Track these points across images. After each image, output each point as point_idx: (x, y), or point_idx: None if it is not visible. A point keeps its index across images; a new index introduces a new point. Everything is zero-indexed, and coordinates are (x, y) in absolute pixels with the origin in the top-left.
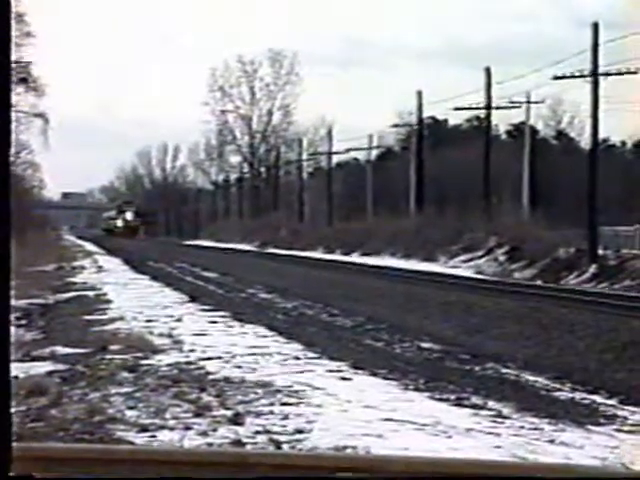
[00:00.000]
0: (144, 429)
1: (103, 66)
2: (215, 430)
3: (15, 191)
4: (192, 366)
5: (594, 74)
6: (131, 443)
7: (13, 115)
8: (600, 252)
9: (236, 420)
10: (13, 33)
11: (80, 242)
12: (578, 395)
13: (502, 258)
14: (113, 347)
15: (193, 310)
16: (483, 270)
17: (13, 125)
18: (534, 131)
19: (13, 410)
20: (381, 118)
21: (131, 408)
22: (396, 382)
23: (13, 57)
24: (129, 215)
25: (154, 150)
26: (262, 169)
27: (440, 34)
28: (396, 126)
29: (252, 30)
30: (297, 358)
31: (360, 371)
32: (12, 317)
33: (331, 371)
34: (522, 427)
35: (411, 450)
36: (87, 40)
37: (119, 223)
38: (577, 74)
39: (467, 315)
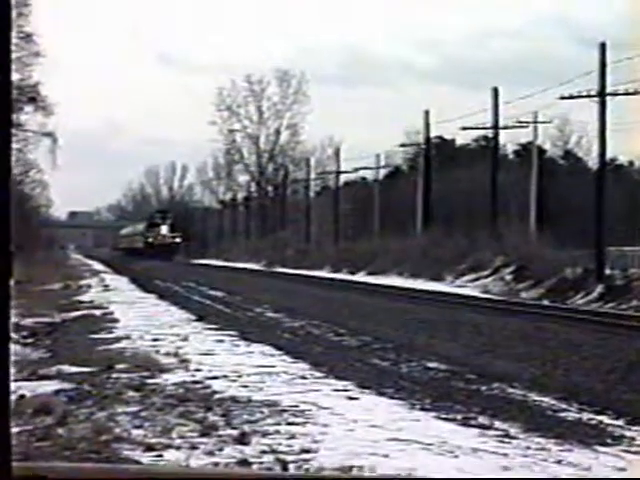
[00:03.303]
0: (150, 448)
1: (111, 85)
2: (221, 450)
3: (23, 210)
4: (198, 385)
5: (601, 94)
6: (137, 462)
7: (22, 134)
8: (607, 272)
9: (242, 440)
10: (21, 53)
11: (88, 261)
12: (585, 415)
13: (509, 277)
14: (119, 366)
15: (200, 329)
16: (490, 289)
17: (22, 144)
18: (541, 151)
19: (19, 429)
20: (389, 138)
21: (137, 427)
22: (402, 402)
23: (21, 76)
24: (164, 229)
25: (162, 169)
26: (270, 188)
27: (448, 54)
28: (404, 145)
29: (260, 49)
30: (304, 377)
31: (366, 390)
32: (19, 336)
33: (337, 390)
34: (529, 447)
35: (417, 470)
36: (95, 59)
37: (150, 240)
38: (584, 94)
39: (474, 335)
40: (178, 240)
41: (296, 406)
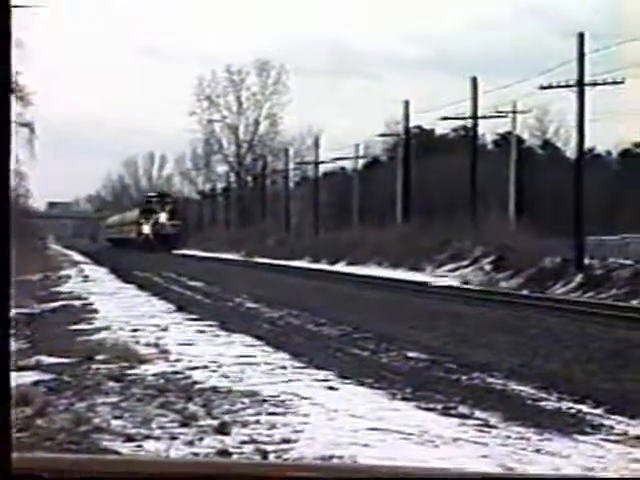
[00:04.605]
0: (130, 439)
1: (90, 75)
2: (201, 440)
3: None
4: (179, 376)
5: (580, 84)
6: (117, 453)
7: None
8: (586, 261)
9: (222, 430)
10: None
11: (67, 252)
12: (564, 404)
13: (488, 267)
14: (99, 357)
15: (180, 320)
16: (469, 279)
17: None
18: (520, 141)
19: None
20: (368, 128)
21: (117, 418)
22: (383, 391)
23: None
24: (163, 216)
25: (140, 159)
26: (249, 178)
27: (427, 44)
28: (383, 135)
29: (240, 40)
30: (284, 367)
31: (347, 380)
32: None
33: (318, 380)
34: (509, 437)
35: (398, 460)
36: (74, 48)
37: (146, 229)
38: (563, 84)
39: (453, 324)
40: (179, 230)
41: (276, 396)
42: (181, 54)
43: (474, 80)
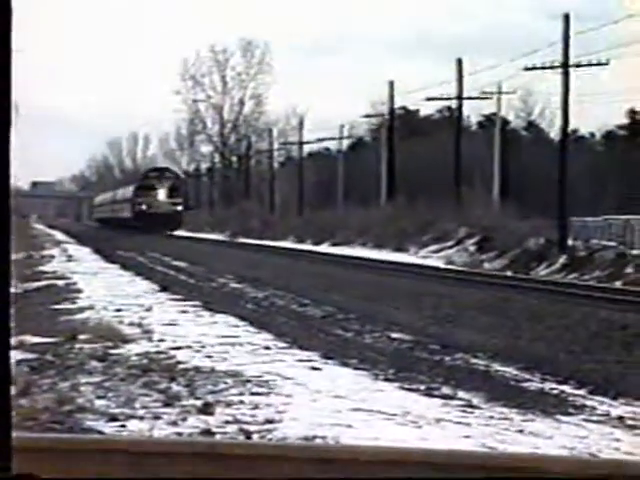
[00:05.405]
0: (113, 418)
1: (74, 54)
2: (185, 420)
3: None
4: (162, 355)
5: (565, 65)
6: (100, 433)
7: None
8: (570, 243)
9: (206, 410)
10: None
11: (50, 231)
12: (547, 385)
13: (472, 248)
14: (83, 336)
15: (163, 300)
16: (453, 260)
17: None
18: (505, 122)
19: None
20: (353, 108)
21: (100, 397)
22: (366, 372)
23: None
24: (162, 193)
25: (124, 140)
26: (233, 159)
27: (413, 25)
28: (367, 116)
29: (224, 19)
30: (267, 348)
31: (330, 361)
32: None
33: (301, 361)
34: (492, 417)
35: (380, 440)
36: (58, 27)
37: (143, 207)
38: (548, 65)
39: (437, 305)
40: (180, 208)
41: (260, 376)
42: (166, 34)
43: (459, 61)
